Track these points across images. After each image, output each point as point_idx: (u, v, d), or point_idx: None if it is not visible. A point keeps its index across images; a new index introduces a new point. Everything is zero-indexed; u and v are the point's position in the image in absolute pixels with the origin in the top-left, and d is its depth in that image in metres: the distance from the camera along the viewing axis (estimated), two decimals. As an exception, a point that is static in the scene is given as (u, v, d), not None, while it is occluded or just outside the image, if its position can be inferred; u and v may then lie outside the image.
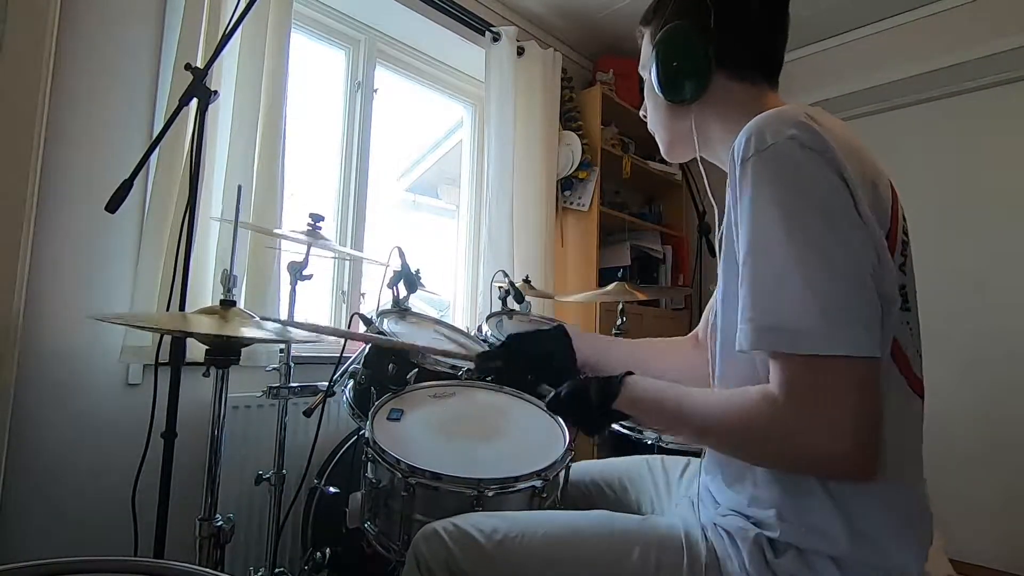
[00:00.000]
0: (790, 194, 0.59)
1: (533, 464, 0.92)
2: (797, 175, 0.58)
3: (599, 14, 2.66)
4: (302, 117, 2.04)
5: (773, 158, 0.59)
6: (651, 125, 0.89)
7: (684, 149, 0.86)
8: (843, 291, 0.56)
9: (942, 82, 2.51)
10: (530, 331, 0.94)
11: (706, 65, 0.75)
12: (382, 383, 1.20)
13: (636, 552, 0.67)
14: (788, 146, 0.59)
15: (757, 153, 0.60)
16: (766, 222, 0.59)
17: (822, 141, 0.59)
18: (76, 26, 1.44)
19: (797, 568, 0.62)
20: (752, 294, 0.60)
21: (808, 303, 0.56)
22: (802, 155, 0.58)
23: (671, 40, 0.77)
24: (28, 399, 1.35)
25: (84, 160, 1.45)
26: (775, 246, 0.58)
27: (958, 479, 2.36)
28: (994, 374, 2.35)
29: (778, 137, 0.59)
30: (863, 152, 0.64)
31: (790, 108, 0.63)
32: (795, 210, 0.58)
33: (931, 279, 2.47)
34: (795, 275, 0.57)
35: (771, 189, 0.59)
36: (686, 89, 0.77)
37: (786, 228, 0.58)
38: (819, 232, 0.57)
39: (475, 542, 0.71)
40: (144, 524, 1.13)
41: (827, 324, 0.55)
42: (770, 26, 0.78)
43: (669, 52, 0.77)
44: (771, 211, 0.59)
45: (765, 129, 0.61)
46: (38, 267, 1.37)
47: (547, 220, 2.52)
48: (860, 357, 0.55)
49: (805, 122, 0.60)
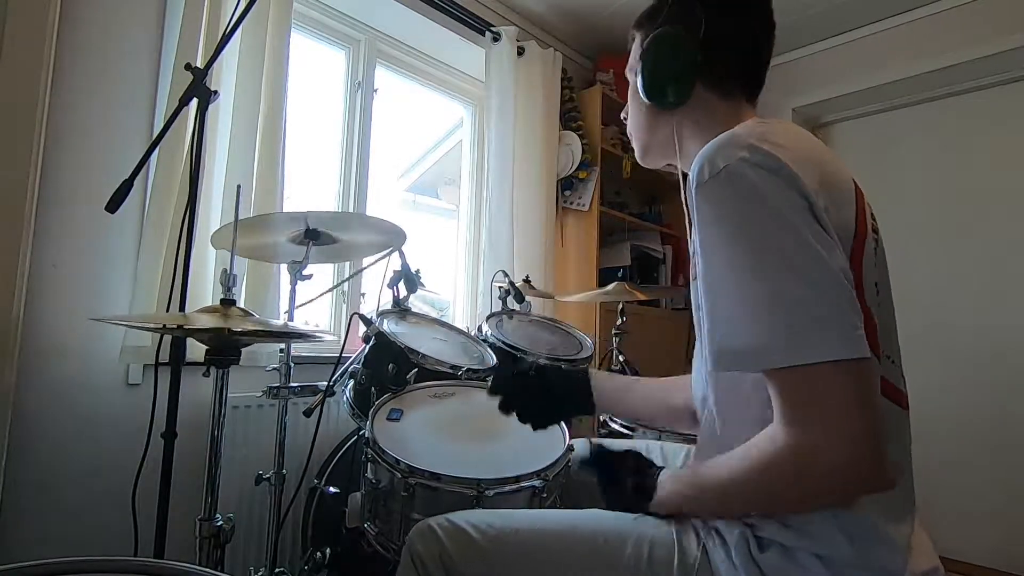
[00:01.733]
0: (743, 215, 0.59)
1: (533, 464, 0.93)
2: (752, 194, 0.59)
3: (599, 14, 2.66)
4: (302, 117, 2.04)
5: (725, 181, 0.60)
6: (630, 127, 0.90)
7: (658, 154, 0.88)
8: (813, 296, 0.56)
9: (942, 82, 2.52)
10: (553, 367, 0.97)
11: (690, 72, 0.76)
12: (382, 383, 1.20)
13: (628, 548, 0.68)
14: (739, 168, 0.59)
15: (711, 178, 0.61)
16: (723, 244, 0.60)
17: (774, 159, 0.59)
18: (76, 26, 1.44)
19: (783, 563, 0.62)
20: (713, 316, 0.60)
21: (776, 314, 0.56)
22: (754, 175, 0.59)
23: (660, 44, 0.78)
24: (28, 399, 1.35)
25: (84, 160, 1.45)
26: (733, 268, 0.59)
27: (958, 479, 2.36)
28: (994, 374, 2.35)
29: (729, 160, 0.60)
30: (822, 158, 0.65)
31: (740, 130, 0.65)
32: (749, 230, 0.58)
33: (931, 279, 2.50)
34: (758, 289, 0.57)
35: (726, 211, 0.60)
36: (668, 93, 0.78)
37: (742, 248, 0.58)
38: (780, 246, 0.57)
39: (469, 538, 0.71)
40: (144, 524, 1.12)
41: (798, 333, 0.55)
42: (756, 45, 0.80)
43: (657, 55, 0.78)
44: (726, 235, 0.60)
45: (716, 155, 0.62)
46: (38, 267, 1.37)
47: (547, 220, 2.52)
48: (849, 360, 0.54)
49: (755, 144, 0.61)
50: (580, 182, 2.68)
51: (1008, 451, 2.28)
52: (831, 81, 2.72)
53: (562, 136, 2.65)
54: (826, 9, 2.54)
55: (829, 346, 0.54)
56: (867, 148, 2.80)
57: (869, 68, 2.61)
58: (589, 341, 1.80)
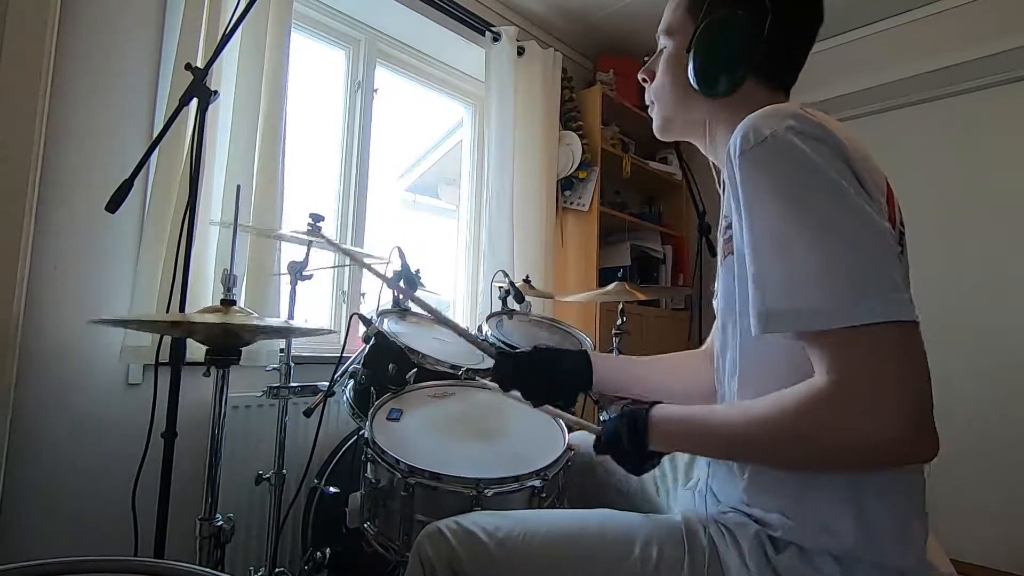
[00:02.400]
0: (795, 179, 0.58)
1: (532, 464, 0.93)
2: (799, 161, 0.57)
3: (599, 14, 2.66)
4: (302, 117, 2.04)
5: (772, 148, 0.59)
6: (655, 94, 0.85)
7: (680, 131, 0.85)
8: (868, 258, 0.54)
9: (942, 82, 2.51)
10: (553, 347, 0.92)
11: (746, 66, 0.73)
12: (382, 383, 1.20)
13: (638, 549, 0.67)
14: (786, 136, 0.58)
15: (756, 146, 0.59)
16: (772, 210, 0.58)
17: (822, 129, 0.59)
18: (76, 26, 1.44)
19: (798, 565, 0.62)
20: (764, 280, 0.58)
21: (835, 276, 0.54)
22: (802, 143, 0.58)
23: (724, 30, 0.73)
24: (28, 399, 1.35)
25: (84, 160, 1.45)
26: (786, 231, 0.57)
27: (958, 479, 2.36)
28: (995, 374, 2.35)
29: (775, 128, 0.59)
30: (861, 148, 0.64)
31: (785, 104, 0.64)
32: (801, 193, 0.57)
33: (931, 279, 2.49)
34: (814, 254, 0.55)
35: (772, 178, 0.59)
36: (720, 83, 0.74)
37: (794, 212, 0.57)
38: (830, 208, 0.56)
39: (479, 541, 0.71)
40: (144, 524, 1.12)
41: (857, 294, 0.53)
42: (809, 40, 0.78)
43: (717, 41, 0.73)
44: (776, 199, 0.58)
45: (761, 123, 0.60)
46: (38, 267, 1.37)
47: (547, 220, 2.52)
48: (902, 321, 0.53)
49: (802, 114, 0.60)
50: (580, 182, 2.68)
51: (1009, 451, 2.28)
52: (831, 81, 2.72)
53: (562, 136, 2.65)
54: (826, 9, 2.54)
55: (885, 307, 0.52)
56: (867, 148, 2.79)
57: (869, 68, 2.61)
58: (589, 341, 1.80)
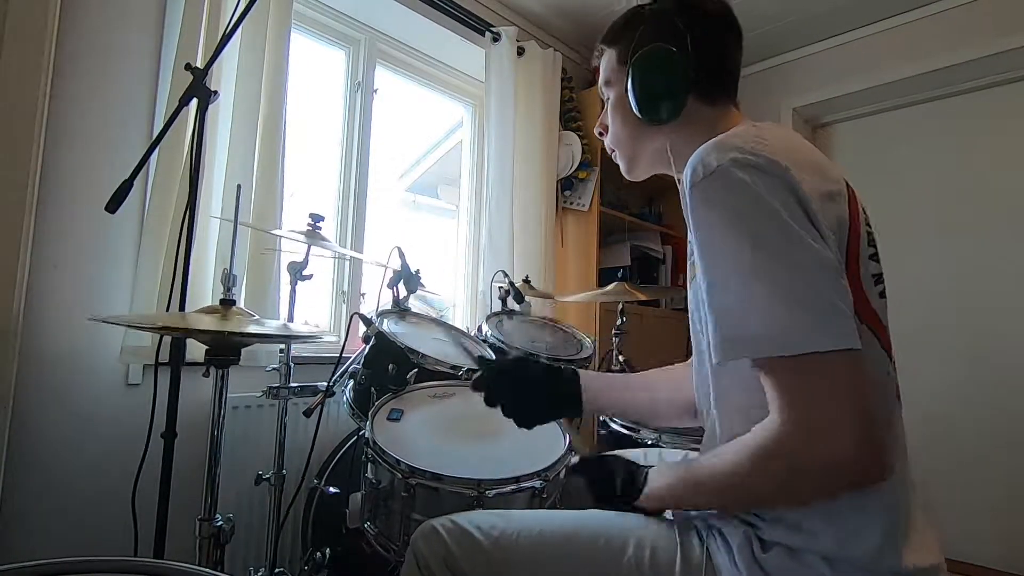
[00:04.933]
0: (739, 209, 0.60)
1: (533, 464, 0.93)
2: (744, 192, 0.60)
3: (599, 14, 2.66)
4: (302, 117, 2.04)
5: (718, 180, 0.61)
6: (613, 142, 0.90)
7: (646, 166, 0.89)
8: (810, 289, 0.57)
9: (942, 82, 2.51)
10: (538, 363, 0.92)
11: (684, 87, 0.77)
12: (382, 383, 1.20)
13: (631, 549, 0.68)
14: (731, 167, 0.60)
15: (704, 178, 0.62)
16: (719, 239, 0.61)
17: (766, 160, 0.61)
18: (76, 26, 1.44)
19: (786, 564, 0.62)
20: (717, 310, 0.61)
21: (776, 305, 0.56)
22: (746, 174, 0.60)
23: (652, 61, 0.78)
24: (28, 399, 1.35)
25: (84, 160, 1.45)
26: (731, 260, 0.59)
27: (958, 479, 2.36)
28: (994, 374, 2.35)
29: (721, 160, 0.61)
30: (811, 157, 0.66)
31: (734, 133, 0.66)
32: (746, 224, 0.59)
33: (931, 279, 2.50)
34: (758, 282, 0.57)
35: (720, 209, 0.61)
36: (662, 110, 0.78)
37: (739, 242, 0.59)
38: (775, 239, 0.58)
39: (474, 540, 0.72)
40: (144, 524, 1.12)
41: (800, 322, 0.55)
42: (733, 52, 0.82)
43: (649, 73, 0.78)
44: (721, 229, 0.60)
45: (708, 156, 0.63)
46: (38, 267, 1.36)
47: (547, 220, 2.52)
48: (843, 350, 0.55)
49: (744, 145, 0.62)
50: (580, 182, 2.68)
51: (1008, 451, 2.28)
52: (831, 81, 2.72)
53: (562, 136, 2.65)
54: (826, 9, 2.54)
55: (826, 336, 0.55)
56: (867, 148, 2.80)
57: (869, 68, 2.61)
58: (589, 341, 1.80)
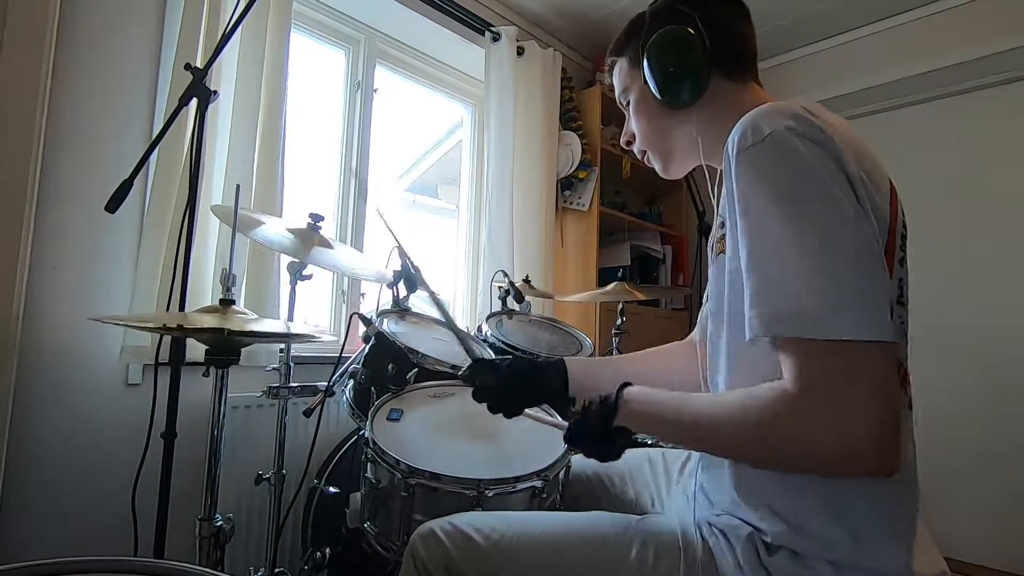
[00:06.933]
0: (790, 182, 0.58)
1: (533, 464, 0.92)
2: (796, 163, 0.57)
3: (599, 14, 2.66)
4: (302, 117, 2.04)
5: (771, 147, 0.58)
6: (643, 143, 0.89)
7: (684, 160, 0.86)
8: (855, 274, 0.55)
9: (942, 82, 2.51)
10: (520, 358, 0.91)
11: (704, 63, 0.75)
12: (382, 383, 1.20)
13: (633, 551, 0.67)
14: (785, 136, 0.58)
15: (754, 144, 0.59)
16: (767, 210, 0.58)
17: (820, 133, 0.59)
18: (76, 26, 1.44)
19: (791, 566, 0.62)
20: (760, 282, 0.58)
21: (823, 288, 0.54)
22: (800, 144, 0.58)
23: (665, 43, 0.76)
24: (28, 399, 1.35)
25: (84, 160, 1.45)
26: (778, 233, 0.57)
27: (958, 479, 2.36)
28: (995, 375, 2.35)
29: (775, 127, 0.59)
30: (862, 147, 0.64)
31: (787, 102, 0.64)
32: (796, 197, 0.57)
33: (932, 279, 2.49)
34: (804, 260, 0.55)
35: (770, 177, 0.59)
36: (684, 90, 0.77)
37: (788, 214, 0.57)
38: (824, 218, 0.56)
39: (472, 542, 0.71)
40: (144, 524, 1.12)
41: (844, 308, 0.53)
42: (746, 22, 0.81)
43: (665, 53, 0.77)
44: (771, 199, 0.58)
45: (761, 121, 0.60)
46: (38, 267, 1.36)
47: (547, 220, 2.52)
48: (879, 342, 0.53)
49: (802, 114, 0.60)
50: (580, 182, 2.68)
51: (1009, 451, 2.28)
52: (831, 81, 2.72)
53: (562, 136, 2.65)
54: (827, 9, 2.54)
55: (864, 326, 0.53)
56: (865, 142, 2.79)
57: (869, 68, 2.61)
58: (589, 341, 1.80)
